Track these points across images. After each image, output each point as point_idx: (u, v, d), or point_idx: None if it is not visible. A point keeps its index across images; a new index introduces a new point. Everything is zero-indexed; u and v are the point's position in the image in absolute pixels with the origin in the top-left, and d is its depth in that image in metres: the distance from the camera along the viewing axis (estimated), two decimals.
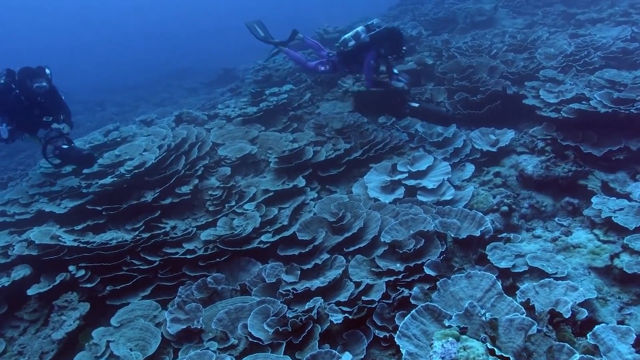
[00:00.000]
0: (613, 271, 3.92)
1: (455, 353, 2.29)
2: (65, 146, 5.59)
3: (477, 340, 2.93)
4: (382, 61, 5.91)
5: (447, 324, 3.15)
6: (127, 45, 37.38)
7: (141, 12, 49.36)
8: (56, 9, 48.38)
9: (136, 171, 5.60)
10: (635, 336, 3.13)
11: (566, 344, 2.79)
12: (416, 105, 5.80)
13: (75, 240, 4.76)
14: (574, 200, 4.82)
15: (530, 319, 3.01)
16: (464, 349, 2.29)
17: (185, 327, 3.98)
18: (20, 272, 4.57)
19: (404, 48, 5.98)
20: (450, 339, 2.37)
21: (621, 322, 3.49)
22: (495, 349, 2.55)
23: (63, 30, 43.89)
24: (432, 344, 2.38)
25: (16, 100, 5.54)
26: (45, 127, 5.77)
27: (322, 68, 6.66)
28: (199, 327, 3.96)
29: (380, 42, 5.90)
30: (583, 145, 5.22)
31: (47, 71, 5.67)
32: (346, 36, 6.20)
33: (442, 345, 2.34)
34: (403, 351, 3.01)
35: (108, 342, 3.95)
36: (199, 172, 5.90)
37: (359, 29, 6.08)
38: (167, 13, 47.60)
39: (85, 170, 5.89)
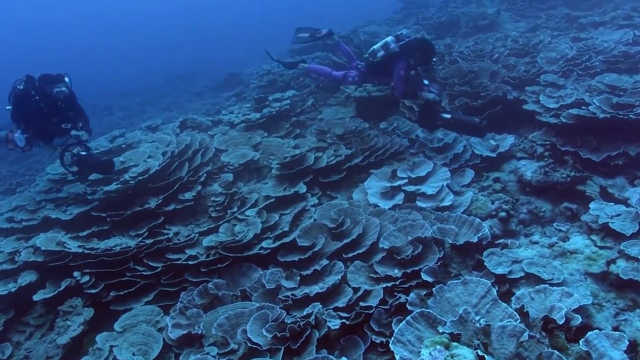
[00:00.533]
0: (609, 277, 3.95)
1: None
2: (83, 153, 5.53)
3: (470, 346, 2.99)
4: (412, 72, 5.80)
5: (441, 330, 3.20)
6: (135, 49, 37.76)
7: (149, 17, 49.88)
8: (64, 16, 48.99)
9: (140, 178, 5.70)
10: (627, 342, 3.16)
11: (555, 351, 2.82)
12: (448, 116, 5.63)
13: (80, 246, 4.87)
14: (573, 206, 4.84)
15: (522, 325, 3.05)
16: (452, 357, 2.34)
17: (186, 332, 4.07)
18: (27, 277, 4.69)
19: (434, 59, 5.85)
20: (438, 346, 2.42)
21: (616, 328, 3.51)
22: (486, 356, 2.59)
23: (71, 36, 44.44)
24: (420, 351, 2.44)
25: (35, 107, 5.46)
26: (62, 134, 5.70)
27: (350, 78, 6.48)
28: (200, 332, 4.04)
29: (410, 52, 5.75)
30: (582, 151, 5.24)
31: (66, 79, 5.63)
32: (375, 47, 6.04)
33: (430, 353, 2.39)
34: (397, 357, 3.06)
35: (111, 346, 4.05)
36: (202, 179, 5.98)
37: (388, 39, 5.90)
38: (175, 18, 48.01)
39: (90, 177, 5.97)
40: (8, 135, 5.58)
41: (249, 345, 3.76)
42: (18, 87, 5.58)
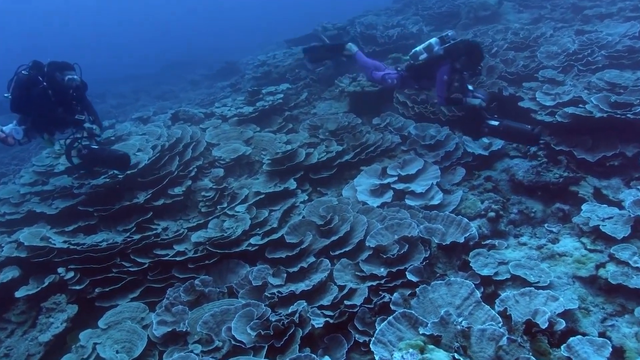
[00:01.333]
0: (598, 281, 3.89)
1: None
2: (95, 147, 5.27)
3: (451, 348, 2.95)
4: (457, 77, 5.27)
5: (421, 332, 3.16)
6: (133, 39, 37.64)
7: (149, 8, 49.60)
8: (61, 7, 48.70)
9: (129, 172, 5.65)
10: (611, 349, 3.11)
11: (532, 357, 2.78)
12: (496, 123, 5.11)
13: (65, 242, 4.81)
14: (565, 207, 4.77)
15: (501, 329, 3.01)
16: None
17: (171, 329, 4.04)
18: (9, 273, 4.62)
19: (480, 64, 5.44)
20: (411, 350, 2.39)
21: (603, 334, 3.45)
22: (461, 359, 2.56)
23: (71, 22, 44.27)
24: (393, 354, 2.41)
25: (41, 94, 4.93)
26: (69, 127, 5.28)
27: (390, 80, 6.05)
28: (185, 329, 4.01)
29: (456, 55, 5.25)
30: (577, 150, 5.14)
31: (75, 69, 5.24)
32: (417, 48, 5.54)
33: (402, 356, 2.36)
34: (376, 357, 3.04)
35: (95, 344, 4.01)
36: (193, 173, 5.93)
37: (432, 40, 5.41)
38: (175, 6, 47.77)
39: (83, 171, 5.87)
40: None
41: (233, 343, 3.74)
42: (22, 72, 5.05)
